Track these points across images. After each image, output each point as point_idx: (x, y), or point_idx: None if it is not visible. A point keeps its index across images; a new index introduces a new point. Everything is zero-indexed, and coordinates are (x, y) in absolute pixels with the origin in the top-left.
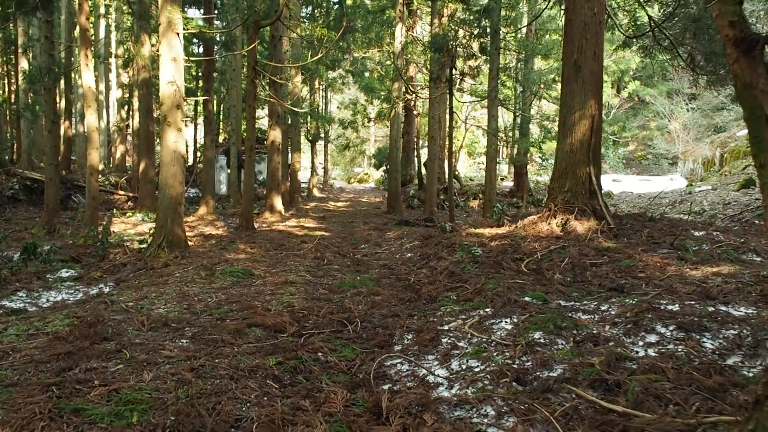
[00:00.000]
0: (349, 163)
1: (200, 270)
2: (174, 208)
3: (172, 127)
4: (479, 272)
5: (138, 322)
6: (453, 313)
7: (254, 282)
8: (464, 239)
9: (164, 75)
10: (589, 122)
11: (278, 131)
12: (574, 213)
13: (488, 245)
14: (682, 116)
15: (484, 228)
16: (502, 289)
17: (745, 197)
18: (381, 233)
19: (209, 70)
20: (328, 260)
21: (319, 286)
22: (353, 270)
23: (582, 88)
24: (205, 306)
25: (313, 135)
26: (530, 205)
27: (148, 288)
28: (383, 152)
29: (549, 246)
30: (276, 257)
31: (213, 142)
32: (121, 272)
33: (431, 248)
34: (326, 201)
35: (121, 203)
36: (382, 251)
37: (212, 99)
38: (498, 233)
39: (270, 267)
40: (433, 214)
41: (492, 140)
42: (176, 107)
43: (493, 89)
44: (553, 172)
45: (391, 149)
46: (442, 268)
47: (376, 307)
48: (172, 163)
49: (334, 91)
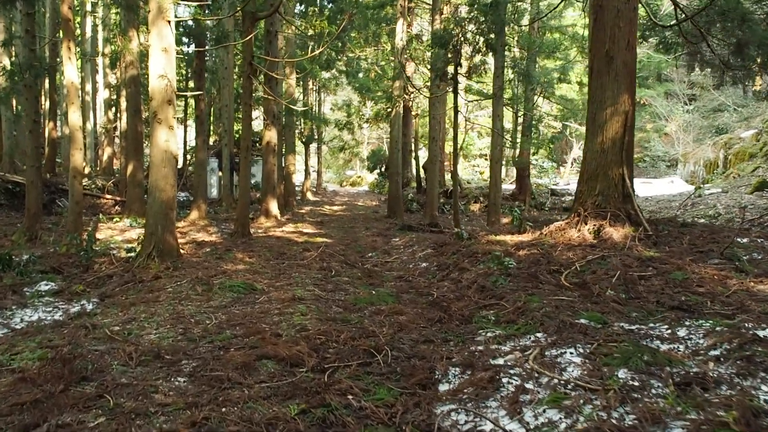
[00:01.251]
0: (341, 166)
1: (195, 284)
2: (165, 214)
3: (163, 125)
4: (514, 287)
5: (125, 353)
6: (498, 339)
7: (257, 298)
8: (486, 247)
9: (154, 68)
10: (621, 119)
11: (274, 132)
12: (607, 218)
13: (516, 254)
14: (680, 118)
15: (505, 235)
16: (550, 309)
17: (762, 200)
18: (386, 240)
19: (201, 67)
20: (336, 271)
21: (332, 303)
22: (366, 283)
23: (614, 81)
24: (204, 330)
25: (307, 136)
26: (533, 208)
27: (137, 306)
28: (377, 154)
29: (585, 255)
30: (278, 268)
31: (205, 144)
32: (106, 285)
33: (448, 257)
34: (321, 205)
35: (108, 208)
36: (393, 260)
37: (204, 99)
38: (523, 241)
39: (273, 280)
40: (435, 219)
41: (497, 141)
42: (167, 103)
43: (498, 88)
44: (582, 174)
45: (391, 151)
46: (469, 281)
47: (403, 329)
48: (163, 164)
49: (328, 92)
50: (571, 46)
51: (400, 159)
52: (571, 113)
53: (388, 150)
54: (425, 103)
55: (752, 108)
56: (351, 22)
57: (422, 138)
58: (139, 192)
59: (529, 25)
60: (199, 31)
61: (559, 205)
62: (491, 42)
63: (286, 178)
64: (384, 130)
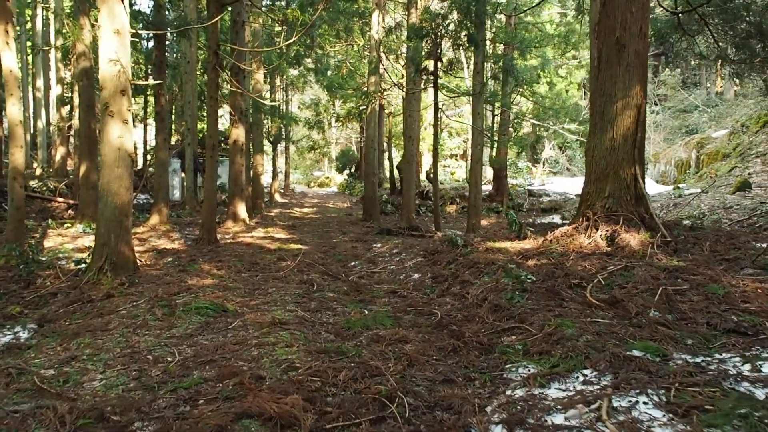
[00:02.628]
0: (309, 167)
1: (154, 305)
2: (119, 221)
3: (116, 119)
4: (534, 305)
5: (55, 416)
6: (538, 379)
7: (230, 323)
8: (487, 256)
9: (105, 52)
10: (634, 113)
11: (241, 129)
12: (620, 223)
13: (524, 265)
14: (650, 118)
15: (504, 241)
16: (591, 336)
17: (746, 200)
18: (367, 246)
19: (161, 59)
20: (318, 285)
21: (320, 327)
22: (354, 299)
23: (626, 72)
24: (165, 372)
25: (275, 136)
26: (510, 210)
27: (82, 337)
28: (347, 154)
29: (605, 266)
30: (251, 282)
31: (166, 142)
32: (49, 305)
33: (444, 267)
34: (290, 207)
35: (61, 212)
36: (380, 270)
37: (165, 92)
38: (527, 248)
39: (247, 297)
40: (413, 221)
41: (478, 140)
42: (121, 93)
43: (479, 84)
44: (588, 174)
45: (367, 150)
46: (478, 298)
47: (414, 364)
48: (117, 163)
49: (296, 90)
50: (547, 44)
51: (376, 159)
52: (554, 112)
53: (365, 149)
54: (398, 102)
55: (722, 108)
56: (327, 7)
57: (394, 137)
58: (93, 195)
59: (507, 19)
60: (159, 19)
61: (537, 206)
62: (473, 35)
63: (255, 179)
64: (353, 129)
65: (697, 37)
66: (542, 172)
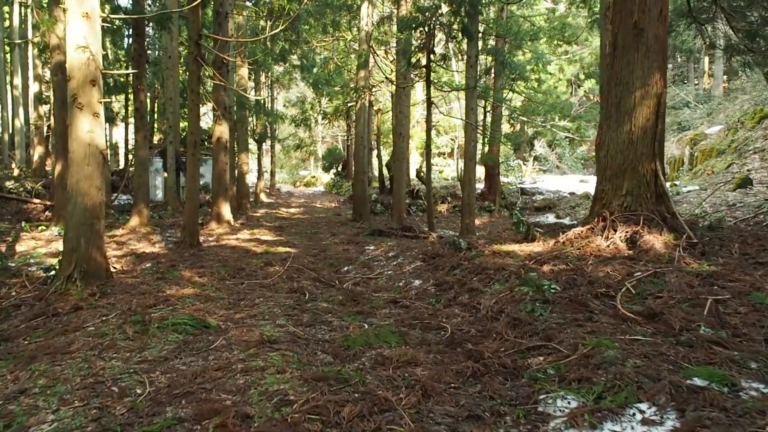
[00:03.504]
0: (295, 166)
1: (126, 320)
2: (90, 224)
3: (86, 112)
4: (560, 318)
5: None
6: (585, 416)
7: (212, 342)
8: (495, 261)
9: (73, 37)
10: (653, 103)
11: (225, 126)
12: (640, 223)
13: (539, 270)
14: None
15: (511, 243)
16: (637, 359)
17: (749, 198)
18: (359, 248)
19: (140, 52)
20: (311, 294)
21: (315, 346)
22: (352, 311)
23: (645, 59)
24: (132, 411)
25: (260, 134)
26: (503, 209)
27: (38, 362)
28: (333, 153)
29: (630, 272)
30: (236, 290)
31: (146, 140)
32: (10, 320)
33: (447, 273)
34: (277, 207)
35: (38, 214)
36: (377, 276)
37: (144, 88)
38: (538, 252)
39: (231, 309)
40: (404, 221)
41: (471, 136)
42: (91, 83)
43: (472, 78)
44: (603, 170)
45: (356, 147)
46: (492, 310)
47: (430, 395)
48: (87, 160)
49: (282, 87)
50: (542, 37)
51: (366, 157)
52: (550, 107)
53: (354, 146)
54: (386, 100)
55: (714, 104)
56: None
57: (383, 135)
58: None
59: (499, 12)
60: (138, 9)
61: (531, 204)
62: (467, 26)
63: (240, 179)
64: (340, 128)
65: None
66: (532, 170)
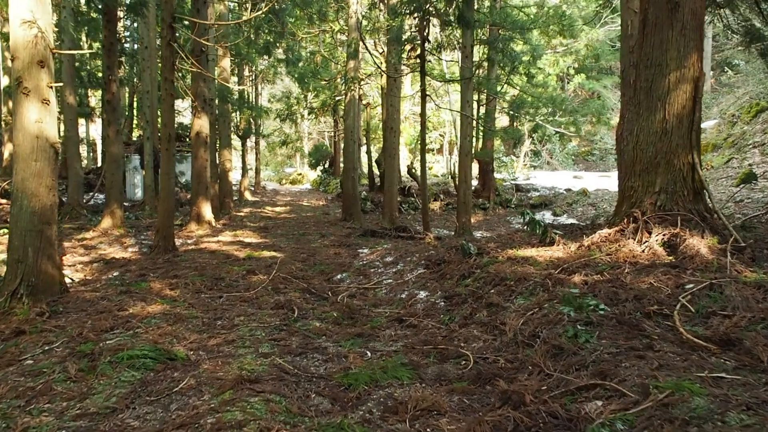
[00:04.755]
0: (280, 163)
1: (74, 350)
2: (39, 231)
3: (33, 98)
4: (612, 347)
5: None
6: None
7: (177, 382)
8: (513, 269)
9: (16, 9)
10: (690, 88)
11: (205, 120)
12: (678, 224)
13: (567, 281)
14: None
15: (526, 247)
16: (741, 412)
17: (755, 193)
18: (351, 251)
19: (111, 40)
20: (300, 309)
21: (308, 384)
22: (350, 332)
23: (680, 36)
24: None
25: (243, 130)
26: (498, 206)
27: None
28: (320, 150)
29: (678, 283)
30: (212, 306)
31: (119, 135)
32: None
33: (458, 284)
34: (262, 206)
35: (5, 215)
36: (375, 286)
37: (116, 78)
38: (560, 258)
39: (205, 332)
40: (395, 220)
41: (467, 130)
42: (39, 65)
43: (467, 69)
44: (631, 164)
45: (346, 142)
46: (523, 333)
47: None
48: (34, 155)
49: (266, 82)
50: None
51: (356, 152)
52: (550, 101)
53: (344, 141)
54: (375, 94)
55: (707, 98)
56: None
57: (372, 130)
58: None
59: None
60: None
61: (526, 201)
62: (463, 12)
63: (222, 177)
64: (327, 124)
65: None
66: (522, 166)
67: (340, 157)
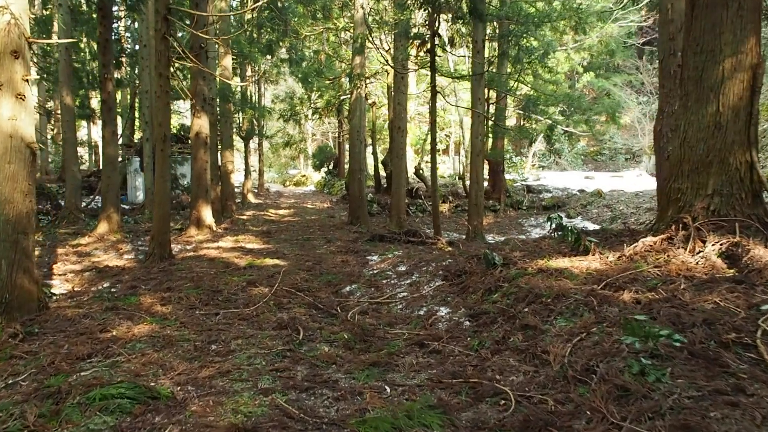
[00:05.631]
0: (284, 165)
1: (40, 387)
2: (13, 242)
3: (6, 93)
4: (691, 388)
5: None
6: None
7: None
8: (548, 283)
9: None
10: (747, 76)
11: (205, 119)
12: (736, 232)
13: (614, 299)
14: (636, 109)
15: (556, 257)
16: None
17: None
18: (360, 259)
19: (106, 37)
20: (305, 330)
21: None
22: (363, 360)
23: (737, 18)
24: None
25: (246, 130)
26: (509, 208)
27: None
28: (324, 151)
29: (751, 302)
30: (207, 326)
31: (115, 135)
32: None
33: (483, 299)
34: (265, 208)
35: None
36: (388, 300)
37: (111, 77)
38: (600, 270)
39: (196, 360)
40: (403, 223)
41: (478, 129)
42: (12, 55)
43: (478, 64)
44: (677, 163)
45: (352, 142)
46: (574, 367)
47: None
48: (8, 157)
49: (270, 82)
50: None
51: (363, 153)
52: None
53: (349, 141)
54: (379, 94)
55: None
56: None
57: (378, 130)
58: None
59: None
60: None
61: (538, 203)
62: (477, 5)
63: (224, 179)
64: (331, 125)
65: None
66: (531, 166)
67: (344, 159)
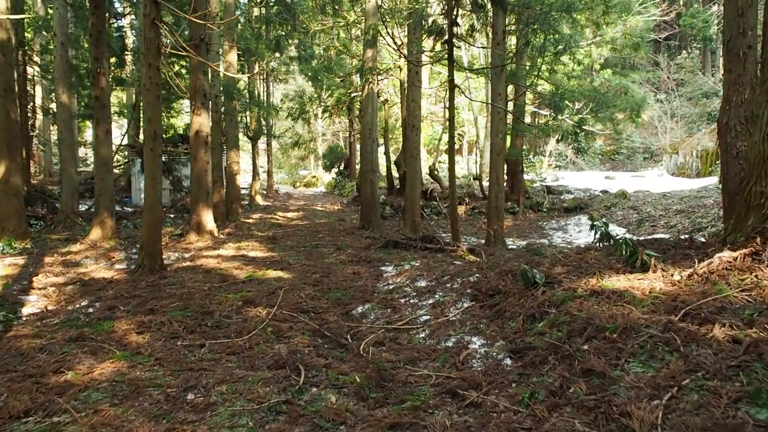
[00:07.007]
0: (294, 165)
1: None
2: None
3: None
4: None
5: None
6: None
7: None
8: (605, 310)
9: None
10: None
11: (205, 117)
12: None
13: (700, 336)
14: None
15: (609, 273)
16: None
17: None
18: (373, 270)
19: (99, 28)
20: (308, 369)
21: None
22: (381, 419)
23: None
24: None
25: (254, 130)
26: (528, 210)
27: None
28: (335, 151)
29: None
30: (187, 364)
31: (108, 135)
32: None
33: (525, 329)
34: (273, 211)
35: None
36: (407, 326)
37: (105, 72)
38: (669, 293)
39: (163, 422)
40: (417, 227)
41: (498, 126)
42: None
43: (498, 57)
44: (758, 162)
45: (363, 142)
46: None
47: None
48: None
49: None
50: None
51: (375, 152)
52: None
53: (361, 140)
54: (391, 92)
55: None
56: None
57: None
58: (15, 203)
59: None
60: None
61: (559, 205)
62: None
63: (229, 180)
64: (341, 124)
65: None
66: (547, 166)
67: (355, 159)
